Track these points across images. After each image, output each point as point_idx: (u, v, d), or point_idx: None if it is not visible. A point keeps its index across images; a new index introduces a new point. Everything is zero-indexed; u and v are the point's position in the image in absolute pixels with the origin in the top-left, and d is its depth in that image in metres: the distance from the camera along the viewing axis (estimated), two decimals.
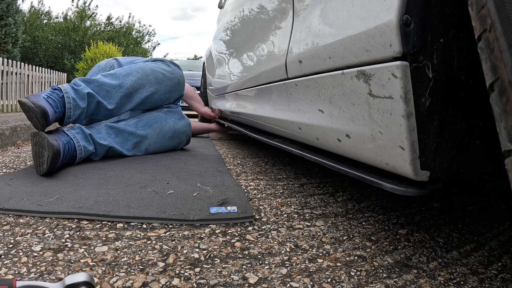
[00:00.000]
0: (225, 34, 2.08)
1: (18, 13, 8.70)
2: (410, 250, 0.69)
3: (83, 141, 1.26)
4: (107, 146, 1.36)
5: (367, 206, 0.95)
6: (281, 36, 0.98)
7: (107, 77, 1.43)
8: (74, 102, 1.25)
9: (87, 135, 1.29)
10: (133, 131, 1.47)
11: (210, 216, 0.78)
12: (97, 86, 1.37)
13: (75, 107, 1.26)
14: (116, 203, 0.83)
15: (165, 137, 1.58)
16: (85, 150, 1.26)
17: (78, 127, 1.30)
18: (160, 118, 1.58)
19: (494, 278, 0.59)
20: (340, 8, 0.65)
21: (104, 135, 1.38)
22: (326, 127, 0.74)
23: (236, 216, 0.79)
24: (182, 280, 0.54)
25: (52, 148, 1.04)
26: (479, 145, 0.54)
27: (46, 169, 1.04)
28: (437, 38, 0.49)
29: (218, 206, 0.84)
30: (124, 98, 1.44)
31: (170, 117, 1.62)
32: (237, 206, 0.85)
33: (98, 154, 1.35)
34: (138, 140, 1.49)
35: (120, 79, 1.44)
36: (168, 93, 1.61)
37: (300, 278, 0.57)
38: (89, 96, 1.31)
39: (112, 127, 1.42)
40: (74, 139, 1.23)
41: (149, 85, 1.52)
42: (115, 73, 1.47)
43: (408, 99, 0.50)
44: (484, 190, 1.17)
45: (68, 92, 1.26)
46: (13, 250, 0.60)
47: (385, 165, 0.59)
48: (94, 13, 17.02)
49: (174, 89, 1.65)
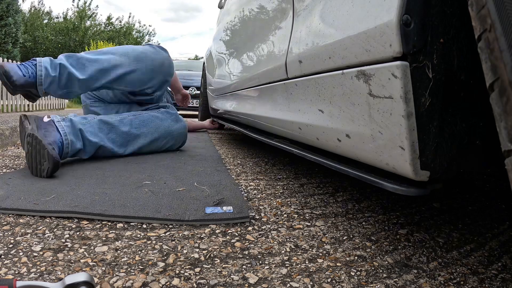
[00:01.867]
0: (225, 34, 2.09)
1: (18, 13, 8.70)
2: (410, 250, 0.69)
3: (71, 135, 1.26)
4: (98, 144, 1.35)
5: (367, 206, 0.95)
6: (281, 36, 0.98)
7: (89, 54, 1.45)
8: (45, 71, 1.29)
9: (77, 129, 1.29)
10: (127, 129, 1.46)
11: (206, 217, 0.78)
12: (75, 59, 1.40)
13: (46, 75, 1.29)
14: (112, 202, 0.83)
15: (159, 137, 1.57)
16: (72, 145, 1.25)
17: (69, 120, 1.29)
18: (156, 119, 1.57)
19: (494, 278, 0.59)
20: (340, 8, 0.65)
21: (96, 129, 1.36)
22: (326, 127, 0.74)
23: (231, 216, 0.79)
24: (182, 280, 0.54)
25: (53, 160, 1.06)
26: (479, 145, 0.54)
27: (44, 177, 1.06)
28: (437, 38, 0.49)
29: (213, 206, 0.84)
30: (98, 72, 1.42)
31: (166, 118, 1.61)
32: (233, 206, 0.85)
33: (87, 152, 1.34)
34: (131, 138, 1.47)
35: (99, 55, 1.46)
36: (149, 73, 1.54)
37: (300, 278, 0.57)
38: (61, 66, 1.34)
39: (106, 122, 1.41)
40: (61, 132, 1.23)
41: (129, 64, 1.48)
42: (97, 51, 1.50)
43: (408, 99, 0.50)
44: (484, 190, 1.17)
45: (41, 62, 1.31)
46: (13, 250, 0.60)
47: (385, 165, 0.59)
48: (94, 13, 17.00)
49: (157, 70, 1.57)
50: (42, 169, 1.06)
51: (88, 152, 1.34)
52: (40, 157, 1.07)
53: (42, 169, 1.06)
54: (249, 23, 1.46)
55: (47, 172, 1.05)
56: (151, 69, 1.54)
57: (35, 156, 1.08)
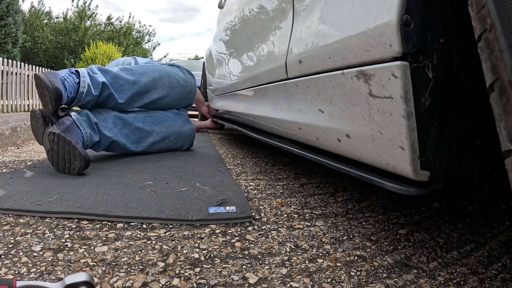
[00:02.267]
0: (225, 34, 2.08)
1: (18, 13, 8.70)
2: (410, 250, 0.69)
3: (88, 129, 1.26)
4: (112, 138, 1.36)
5: (367, 206, 0.95)
6: (281, 36, 0.98)
7: (124, 71, 1.44)
8: (88, 89, 1.25)
9: (93, 123, 1.28)
10: (140, 125, 1.47)
11: (209, 216, 0.78)
12: (113, 77, 1.37)
13: (87, 94, 1.26)
14: (115, 203, 0.83)
15: (170, 137, 1.59)
16: (90, 139, 1.26)
17: (85, 114, 1.28)
18: (168, 118, 1.60)
19: (494, 278, 0.59)
20: (340, 8, 0.65)
21: (111, 125, 1.37)
22: (326, 127, 0.74)
23: (234, 216, 0.79)
24: (182, 280, 0.54)
25: (84, 159, 1.10)
26: (479, 145, 0.54)
27: (75, 174, 1.11)
28: (437, 38, 0.49)
29: (216, 206, 0.84)
30: (135, 95, 1.45)
31: (178, 119, 1.64)
32: (236, 206, 0.85)
33: (102, 145, 1.34)
34: (144, 135, 1.49)
35: (136, 76, 1.45)
36: (178, 99, 1.65)
37: (300, 278, 0.57)
38: (103, 86, 1.32)
39: (121, 117, 1.42)
40: (80, 126, 1.23)
41: (162, 88, 1.55)
42: (132, 69, 1.49)
43: (408, 99, 0.50)
44: (484, 190, 1.17)
45: (85, 77, 1.26)
46: (13, 250, 0.60)
47: (385, 165, 0.59)
48: (94, 13, 17.01)
49: (185, 97, 1.69)
50: (73, 168, 1.11)
51: (102, 146, 1.36)
52: (71, 157, 1.11)
53: (73, 168, 1.11)
54: (249, 23, 1.46)
55: (78, 171, 1.11)
56: (180, 96, 1.65)
57: (63, 155, 1.12)
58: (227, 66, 1.96)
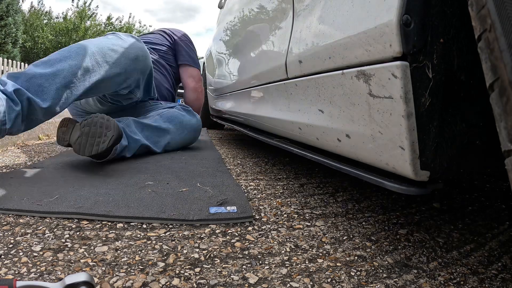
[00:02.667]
0: (225, 34, 2.08)
1: (18, 13, 8.71)
2: (410, 250, 0.69)
3: None
4: (140, 141, 1.34)
5: (367, 206, 0.95)
6: (281, 36, 0.98)
7: (39, 66, 1.09)
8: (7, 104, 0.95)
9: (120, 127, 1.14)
10: (158, 125, 1.47)
11: (210, 216, 0.78)
12: (27, 80, 1.03)
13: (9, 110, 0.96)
14: (115, 203, 0.83)
15: (184, 131, 1.60)
16: (120, 144, 1.19)
17: None
18: (178, 114, 1.60)
19: (494, 278, 0.59)
20: (340, 8, 0.65)
21: (133, 128, 1.35)
22: (326, 127, 0.74)
23: (235, 216, 0.79)
24: (182, 280, 0.54)
25: (118, 129, 1.02)
26: (479, 145, 0.55)
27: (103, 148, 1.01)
28: (437, 38, 0.49)
29: (217, 206, 0.84)
30: (62, 90, 1.08)
31: (185, 114, 1.64)
32: (236, 206, 0.85)
33: (131, 149, 1.32)
34: (162, 134, 1.50)
35: (55, 66, 1.09)
36: (126, 73, 1.28)
37: (300, 278, 0.57)
38: (17, 93, 0.98)
39: (138, 121, 1.41)
40: None
41: (98, 67, 1.17)
42: (49, 59, 1.12)
43: (408, 99, 0.50)
44: (484, 190, 1.17)
45: None
46: (13, 250, 0.60)
47: (385, 165, 0.59)
48: (94, 13, 17.01)
49: (133, 67, 1.30)
50: (103, 141, 1.02)
51: (131, 150, 1.33)
52: (103, 129, 1.03)
53: (103, 140, 1.02)
54: (249, 23, 1.46)
55: (108, 142, 1.02)
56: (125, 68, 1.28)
57: (94, 132, 1.04)
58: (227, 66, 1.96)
